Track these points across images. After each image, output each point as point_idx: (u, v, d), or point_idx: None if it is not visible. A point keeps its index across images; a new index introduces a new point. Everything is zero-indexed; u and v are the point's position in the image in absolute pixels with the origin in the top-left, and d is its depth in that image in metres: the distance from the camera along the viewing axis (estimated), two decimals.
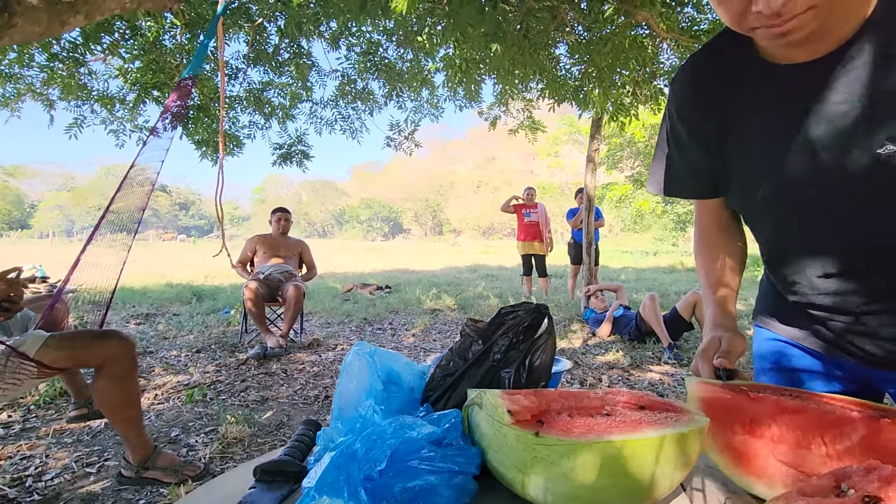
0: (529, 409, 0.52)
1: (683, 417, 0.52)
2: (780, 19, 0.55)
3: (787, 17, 0.54)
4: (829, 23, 0.58)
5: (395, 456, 0.49)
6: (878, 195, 0.65)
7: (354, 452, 0.49)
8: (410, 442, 0.50)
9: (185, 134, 4.91)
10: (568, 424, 0.51)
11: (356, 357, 0.64)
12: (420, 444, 0.50)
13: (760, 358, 0.99)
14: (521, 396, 0.54)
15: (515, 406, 0.51)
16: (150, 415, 2.80)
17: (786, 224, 0.78)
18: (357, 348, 0.66)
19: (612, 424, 0.50)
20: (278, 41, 4.81)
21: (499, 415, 0.50)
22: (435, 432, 0.50)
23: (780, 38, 0.58)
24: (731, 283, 0.88)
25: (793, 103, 0.67)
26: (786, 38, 0.58)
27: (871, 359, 0.79)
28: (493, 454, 0.52)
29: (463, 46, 3.14)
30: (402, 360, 0.70)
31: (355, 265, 16.22)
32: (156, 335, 4.75)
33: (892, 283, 0.72)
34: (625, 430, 0.48)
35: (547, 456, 0.46)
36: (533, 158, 66.77)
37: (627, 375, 3.57)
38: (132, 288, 7.99)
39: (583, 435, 0.48)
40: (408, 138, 6.22)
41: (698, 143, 0.82)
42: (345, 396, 0.62)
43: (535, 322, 0.75)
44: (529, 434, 0.48)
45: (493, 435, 0.51)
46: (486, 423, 0.52)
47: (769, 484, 0.53)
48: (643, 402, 0.57)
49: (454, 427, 0.53)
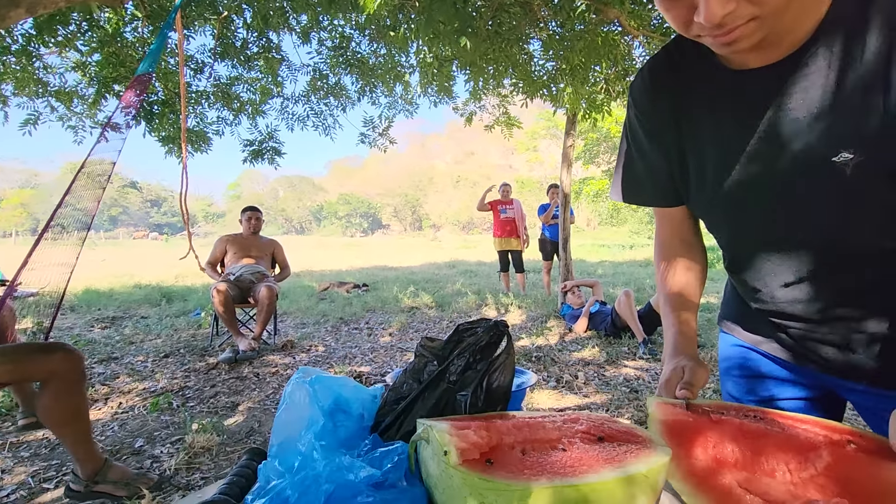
0: (479, 446, 0.48)
1: (644, 451, 0.50)
2: (722, 30, 0.53)
3: (730, 28, 0.53)
4: (779, 29, 0.57)
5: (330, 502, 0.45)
6: (832, 202, 0.64)
7: (286, 500, 0.45)
8: (347, 487, 0.45)
9: (149, 130, 4.72)
10: (519, 463, 0.48)
11: (297, 387, 0.59)
12: (358, 488, 0.46)
13: (725, 364, 0.99)
14: (471, 431, 0.50)
15: (463, 443, 0.48)
16: (114, 425, 2.69)
17: (744, 231, 0.77)
18: (298, 376, 0.61)
19: (567, 462, 0.47)
20: (246, 35, 4.66)
21: (444, 455, 0.46)
22: (374, 475, 0.46)
23: (725, 47, 0.57)
24: (691, 303, 0.86)
25: (747, 109, 0.66)
26: (731, 47, 0.56)
27: (831, 366, 0.79)
28: (440, 495, 0.48)
29: (435, 42, 3.09)
30: (351, 384, 0.65)
31: (333, 262, 16.02)
32: (121, 340, 4.58)
33: (849, 290, 0.71)
34: (580, 470, 0.45)
35: (495, 501, 0.43)
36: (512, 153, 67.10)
37: (603, 371, 3.59)
38: (98, 290, 7.71)
39: (533, 476, 0.44)
40: (382, 134, 6.12)
41: (658, 149, 0.80)
42: (284, 430, 0.57)
43: (493, 340, 0.71)
44: (476, 477, 0.44)
45: (440, 475, 0.47)
46: (433, 462, 0.49)
47: None
48: (602, 432, 0.54)
49: (397, 466, 0.49)
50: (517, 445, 0.51)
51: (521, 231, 7.14)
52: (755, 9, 0.51)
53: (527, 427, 0.54)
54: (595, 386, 3.27)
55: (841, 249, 0.68)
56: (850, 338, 0.75)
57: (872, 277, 0.69)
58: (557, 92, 3.96)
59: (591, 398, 3.07)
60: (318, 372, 0.64)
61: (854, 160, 0.58)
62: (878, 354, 0.73)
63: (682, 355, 0.78)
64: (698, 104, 0.72)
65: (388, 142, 6.26)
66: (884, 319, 0.72)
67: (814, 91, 0.59)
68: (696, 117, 0.73)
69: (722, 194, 0.73)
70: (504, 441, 0.51)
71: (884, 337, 0.72)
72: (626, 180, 0.88)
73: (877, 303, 0.71)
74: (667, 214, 0.88)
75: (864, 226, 0.64)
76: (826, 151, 0.60)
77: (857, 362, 0.76)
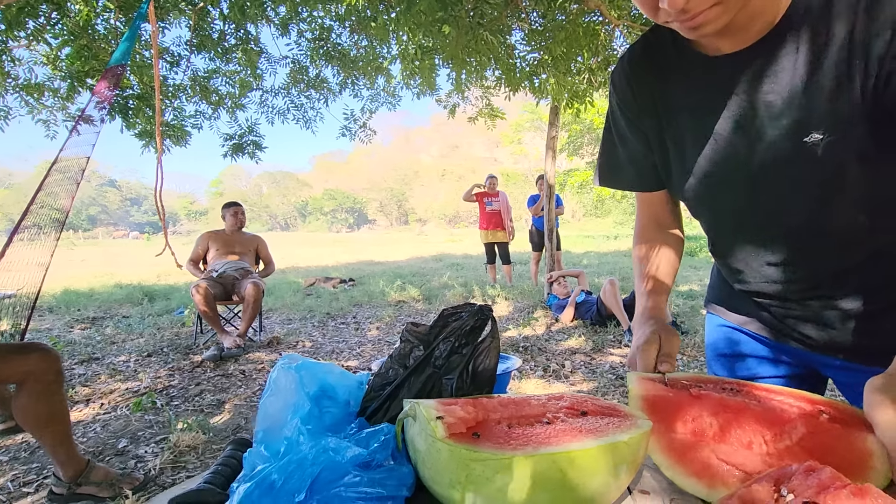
0: (465, 420, 0.49)
1: (625, 423, 0.50)
2: (687, 15, 0.54)
3: (694, 13, 0.54)
4: (745, 14, 0.58)
5: (317, 485, 0.45)
6: (806, 183, 0.65)
7: (271, 484, 0.45)
8: (334, 468, 0.45)
9: (126, 126, 4.60)
10: (505, 436, 0.48)
11: (282, 372, 0.59)
12: (345, 468, 0.45)
13: (712, 344, 1.01)
14: (458, 407, 0.51)
15: (450, 418, 0.48)
16: (96, 426, 2.64)
17: (723, 213, 0.79)
18: (283, 362, 0.60)
19: (552, 434, 0.48)
20: (223, 26, 4.56)
21: (431, 428, 0.46)
22: (361, 454, 0.46)
23: (692, 32, 0.58)
24: (664, 280, 0.88)
25: (721, 94, 0.67)
26: (697, 31, 0.57)
27: (813, 344, 0.81)
28: (427, 471, 0.48)
29: (416, 32, 3.06)
30: (337, 370, 0.65)
31: (319, 258, 15.90)
32: (102, 340, 4.49)
33: (826, 269, 0.73)
34: (563, 440, 0.46)
35: (482, 472, 0.43)
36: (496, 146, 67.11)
37: (590, 360, 3.63)
38: (77, 290, 7.54)
39: (519, 447, 0.45)
40: (363, 127, 6.06)
41: (638, 135, 0.82)
42: (270, 416, 0.57)
43: (478, 325, 0.71)
44: (463, 449, 0.44)
45: (427, 450, 0.47)
46: (420, 438, 0.49)
47: (710, 484, 0.52)
48: (586, 408, 0.55)
49: (383, 446, 0.49)
50: (503, 421, 0.51)
51: (507, 223, 7.15)
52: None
53: (513, 404, 0.54)
54: (582, 374, 3.31)
55: (817, 230, 0.70)
56: (828, 315, 0.77)
57: (847, 257, 0.71)
58: (540, 83, 3.96)
59: (577, 386, 3.10)
60: (302, 358, 0.63)
61: (824, 140, 0.60)
62: (854, 331, 0.75)
63: (652, 319, 0.80)
64: (676, 90, 0.74)
65: (371, 132, 6.20)
66: (858, 297, 0.74)
67: (783, 75, 0.61)
68: (674, 103, 0.74)
69: (701, 178, 0.75)
70: (490, 417, 0.51)
71: (859, 314, 0.74)
72: (608, 165, 0.90)
73: (852, 281, 0.73)
74: (646, 199, 0.90)
75: (838, 206, 0.66)
76: (797, 133, 0.61)
77: (836, 339, 0.78)
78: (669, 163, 0.80)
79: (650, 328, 0.76)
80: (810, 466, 0.43)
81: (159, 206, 2.69)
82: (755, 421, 0.54)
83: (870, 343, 0.74)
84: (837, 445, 0.48)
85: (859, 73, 0.56)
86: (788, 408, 0.54)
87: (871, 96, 0.56)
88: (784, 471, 0.45)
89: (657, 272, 0.88)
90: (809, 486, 0.41)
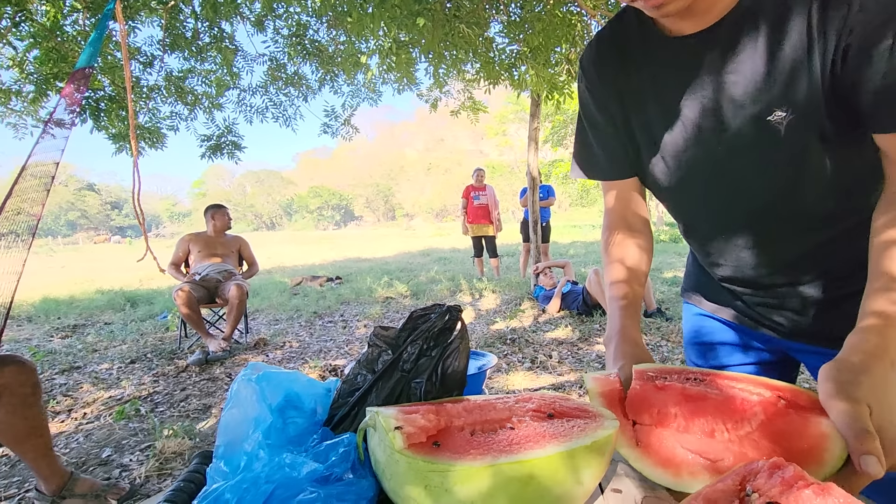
0: (425, 429, 0.48)
1: (592, 425, 0.50)
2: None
3: None
4: None
5: (271, 503, 0.43)
6: (769, 163, 0.66)
7: (225, 503, 0.43)
8: (289, 485, 0.44)
9: (97, 128, 4.49)
10: (467, 444, 0.47)
11: (243, 384, 0.57)
12: (301, 485, 0.44)
13: (688, 332, 1.02)
14: (419, 415, 0.50)
15: (409, 428, 0.47)
16: (78, 436, 2.59)
17: (691, 196, 0.79)
18: (244, 373, 0.59)
19: (514, 440, 0.47)
20: (196, 25, 4.46)
21: (389, 440, 0.45)
22: (318, 469, 0.45)
23: (656, 10, 0.58)
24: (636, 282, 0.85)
25: (685, 75, 0.67)
26: (661, 10, 0.58)
27: (784, 330, 0.82)
28: (388, 482, 0.47)
29: (391, 26, 3.03)
30: (303, 379, 0.64)
31: (305, 257, 15.78)
32: (84, 348, 4.41)
33: (790, 252, 0.74)
34: (526, 447, 0.45)
35: (440, 482, 0.42)
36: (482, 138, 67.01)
37: (577, 349, 3.66)
38: (57, 298, 7.38)
39: (479, 456, 0.44)
40: (345, 123, 5.99)
41: (608, 119, 0.82)
42: (230, 430, 0.55)
43: (447, 325, 0.70)
44: (420, 460, 0.43)
45: (386, 461, 0.46)
46: (380, 449, 0.48)
47: (676, 473, 0.52)
48: (553, 409, 0.54)
49: (343, 458, 0.48)
50: (467, 427, 0.51)
51: (494, 217, 7.15)
52: None
53: (478, 409, 0.54)
54: (569, 364, 3.33)
55: (781, 211, 0.70)
56: (795, 302, 0.78)
57: (810, 240, 0.72)
58: (519, 75, 3.94)
59: (565, 377, 3.12)
60: (266, 367, 0.61)
61: (787, 118, 0.60)
62: (821, 317, 0.77)
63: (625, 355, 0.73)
64: (642, 73, 0.73)
65: (353, 129, 6.13)
66: (823, 283, 0.75)
67: (745, 54, 0.61)
68: (640, 86, 0.74)
69: (668, 160, 0.75)
70: (454, 424, 0.51)
71: (824, 300, 0.75)
72: (581, 154, 0.89)
73: (817, 267, 0.74)
74: (615, 188, 0.89)
75: (801, 188, 0.66)
76: (761, 111, 0.61)
77: (804, 325, 0.79)
78: (638, 145, 0.80)
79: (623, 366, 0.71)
80: (775, 464, 0.43)
81: (138, 210, 2.64)
82: (717, 410, 0.54)
83: (837, 328, 0.75)
84: (794, 430, 0.49)
85: (818, 50, 0.56)
86: (748, 395, 0.54)
87: (830, 73, 0.56)
88: (750, 468, 0.45)
89: (629, 266, 0.86)
90: (773, 485, 0.41)
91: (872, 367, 0.50)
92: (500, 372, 3.25)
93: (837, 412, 0.47)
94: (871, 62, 0.53)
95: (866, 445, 0.44)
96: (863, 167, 0.64)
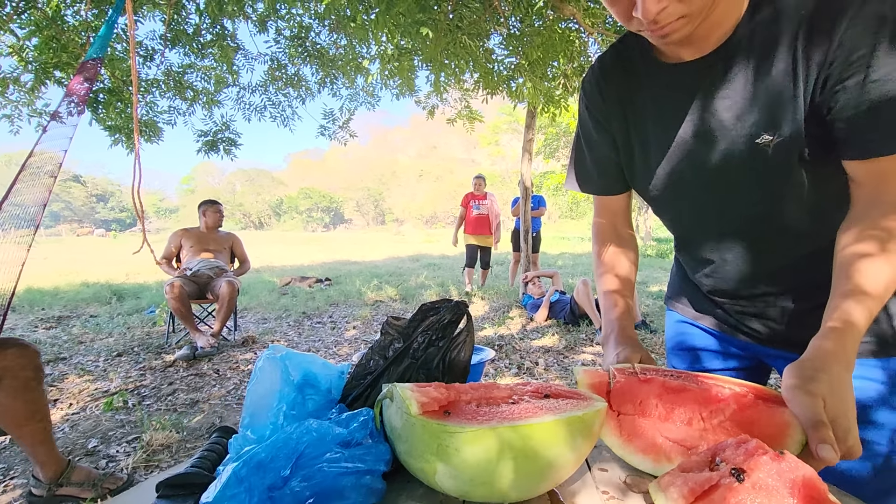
0: (438, 400, 0.53)
1: (583, 403, 0.56)
2: (657, 25, 0.61)
3: (663, 24, 0.60)
4: (706, 25, 0.64)
5: (301, 461, 0.49)
6: (757, 182, 0.72)
7: (259, 462, 0.48)
8: (317, 445, 0.49)
9: (95, 120, 4.48)
10: (473, 413, 0.53)
11: (267, 361, 0.62)
12: (327, 446, 0.49)
13: (670, 339, 1.08)
14: (431, 388, 0.55)
15: (424, 398, 0.52)
16: (64, 426, 2.58)
17: (684, 211, 0.85)
18: (268, 352, 0.64)
19: (516, 411, 0.53)
20: (199, 21, 4.49)
21: (406, 406, 0.51)
22: (342, 434, 0.50)
23: (661, 40, 0.64)
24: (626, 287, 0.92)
25: (683, 99, 0.73)
26: (664, 39, 0.64)
27: (760, 337, 0.89)
28: (403, 446, 0.52)
29: (395, 33, 3.10)
30: (319, 361, 0.69)
31: (294, 258, 15.71)
32: (69, 339, 4.37)
33: (775, 265, 0.81)
34: (526, 416, 0.51)
35: (451, 443, 0.48)
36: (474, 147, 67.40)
37: (563, 358, 3.73)
38: (41, 289, 7.27)
39: (486, 421, 0.50)
40: (342, 127, 6.04)
41: (606, 138, 0.88)
42: (256, 403, 0.60)
43: (454, 319, 0.76)
44: (434, 423, 0.49)
45: (403, 427, 0.52)
46: (396, 416, 0.53)
47: (656, 459, 0.58)
48: (549, 391, 0.60)
49: (363, 426, 0.53)
50: (473, 401, 0.56)
51: (495, 228, 6.58)
52: (684, 8, 0.59)
53: (482, 388, 0.60)
54: (555, 372, 3.40)
55: (767, 227, 0.77)
56: (773, 311, 0.85)
57: (793, 254, 0.79)
58: (517, 87, 4.04)
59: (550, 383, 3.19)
60: (286, 349, 0.67)
61: (774, 141, 0.66)
62: (798, 324, 0.83)
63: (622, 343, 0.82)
64: (642, 96, 0.79)
65: (349, 135, 6.19)
66: (802, 293, 0.81)
67: (737, 82, 0.67)
68: (640, 108, 0.80)
69: (664, 178, 0.81)
70: (461, 398, 0.56)
71: (802, 309, 0.82)
72: (577, 169, 0.96)
73: (797, 278, 0.81)
74: (607, 204, 0.96)
75: (786, 205, 0.73)
76: (751, 134, 0.68)
77: (780, 332, 0.86)
78: (635, 163, 0.85)
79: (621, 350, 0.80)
80: (742, 439, 0.50)
81: (137, 204, 2.64)
82: (694, 401, 0.60)
83: (812, 335, 0.82)
84: (761, 419, 0.55)
85: (802, 78, 0.62)
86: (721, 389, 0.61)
87: (811, 101, 0.63)
88: (720, 445, 0.52)
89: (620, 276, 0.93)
90: (738, 455, 0.48)
91: (830, 366, 0.56)
92: (487, 377, 3.30)
93: (797, 403, 0.53)
94: (845, 94, 0.60)
95: (821, 434, 0.50)
96: (842, 187, 0.70)
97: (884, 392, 0.76)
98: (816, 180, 0.69)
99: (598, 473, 0.62)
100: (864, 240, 0.62)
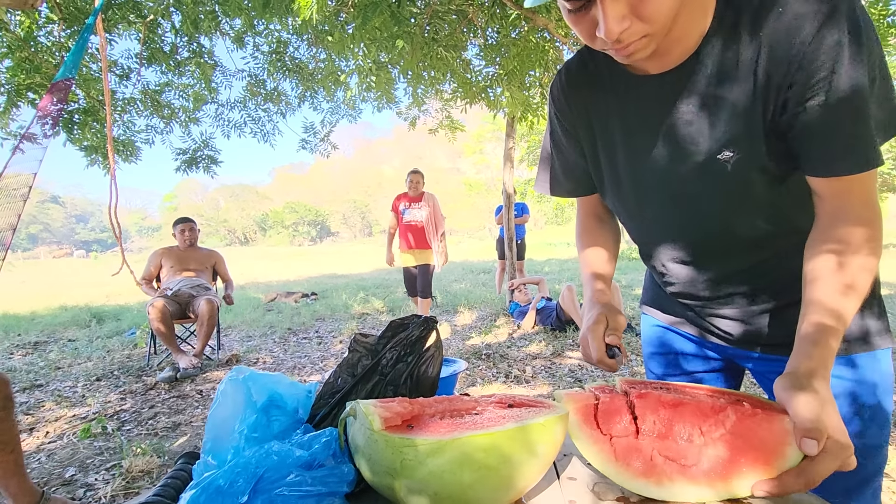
0: (401, 414, 0.53)
1: (545, 410, 0.56)
2: (620, 44, 0.61)
3: (627, 43, 0.61)
4: (670, 40, 0.65)
5: (261, 485, 0.48)
6: (719, 194, 0.74)
7: (217, 488, 0.47)
8: (277, 469, 0.48)
9: (70, 140, 4.41)
10: (437, 426, 0.53)
11: (229, 384, 0.61)
12: (287, 469, 0.49)
13: (647, 343, 1.09)
14: (395, 403, 0.55)
15: (387, 413, 0.52)
16: (40, 456, 2.50)
17: (647, 221, 0.87)
18: (231, 375, 0.63)
19: (478, 422, 0.53)
20: (175, 39, 4.47)
21: (369, 422, 0.50)
22: (303, 456, 0.50)
23: (625, 58, 0.65)
24: (606, 268, 0.95)
25: (647, 112, 0.74)
26: (629, 58, 0.64)
27: (731, 339, 0.90)
28: (366, 463, 0.52)
29: (371, 47, 3.12)
30: (286, 381, 0.68)
31: (280, 273, 15.56)
32: (46, 365, 4.25)
33: (737, 271, 0.82)
34: (487, 426, 0.51)
35: (413, 457, 0.47)
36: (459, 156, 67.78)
37: (550, 364, 3.73)
38: (17, 314, 7.09)
39: (447, 433, 0.49)
40: (324, 140, 6.04)
41: (573, 145, 0.89)
42: (217, 427, 0.59)
43: (423, 335, 0.76)
44: (397, 437, 0.48)
45: (366, 444, 0.51)
46: (360, 434, 0.53)
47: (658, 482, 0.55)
48: (512, 401, 0.60)
49: (325, 447, 0.52)
50: (437, 414, 0.56)
51: (435, 239, 4.91)
52: (646, 27, 0.59)
53: (447, 401, 0.59)
54: (542, 378, 3.40)
55: (729, 235, 0.78)
56: (743, 313, 0.86)
57: (754, 259, 0.80)
58: (495, 97, 4.09)
59: (538, 389, 3.19)
60: (251, 370, 0.66)
61: (734, 158, 0.68)
62: (766, 325, 0.85)
63: (599, 303, 0.85)
64: (608, 105, 0.80)
65: (331, 146, 6.18)
66: (767, 295, 0.83)
67: (700, 95, 0.68)
68: (606, 117, 0.81)
69: (629, 188, 0.83)
70: (426, 412, 0.56)
71: (769, 310, 0.84)
72: (546, 174, 0.97)
73: (761, 281, 0.82)
74: (584, 199, 0.99)
75: (745, 214, 0.75)
76: (710, 150, 0.69)
77: (751, 333, 0.87)
78: (601, 171, 0.86)
79: (598, 310, 0.83)
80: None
81: (114, 224, 2.60)
82: (692, 415, 0.58)
83: (779, 334, 0.83)
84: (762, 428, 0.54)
85: (762, 98, 0.64)
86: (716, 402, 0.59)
87: (771, 120, 0.64)
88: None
89: (599, 262, 0.95)
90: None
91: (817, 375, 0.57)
92: (474, 385, 3.29)
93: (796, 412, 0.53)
94: (806, 115, 0.62)
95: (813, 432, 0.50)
96: (800, 195, 0.71)
97: (849, 389, 0.78)
98: (777, 190, 0.71)
99: (566, 482, 0.62)
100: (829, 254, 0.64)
